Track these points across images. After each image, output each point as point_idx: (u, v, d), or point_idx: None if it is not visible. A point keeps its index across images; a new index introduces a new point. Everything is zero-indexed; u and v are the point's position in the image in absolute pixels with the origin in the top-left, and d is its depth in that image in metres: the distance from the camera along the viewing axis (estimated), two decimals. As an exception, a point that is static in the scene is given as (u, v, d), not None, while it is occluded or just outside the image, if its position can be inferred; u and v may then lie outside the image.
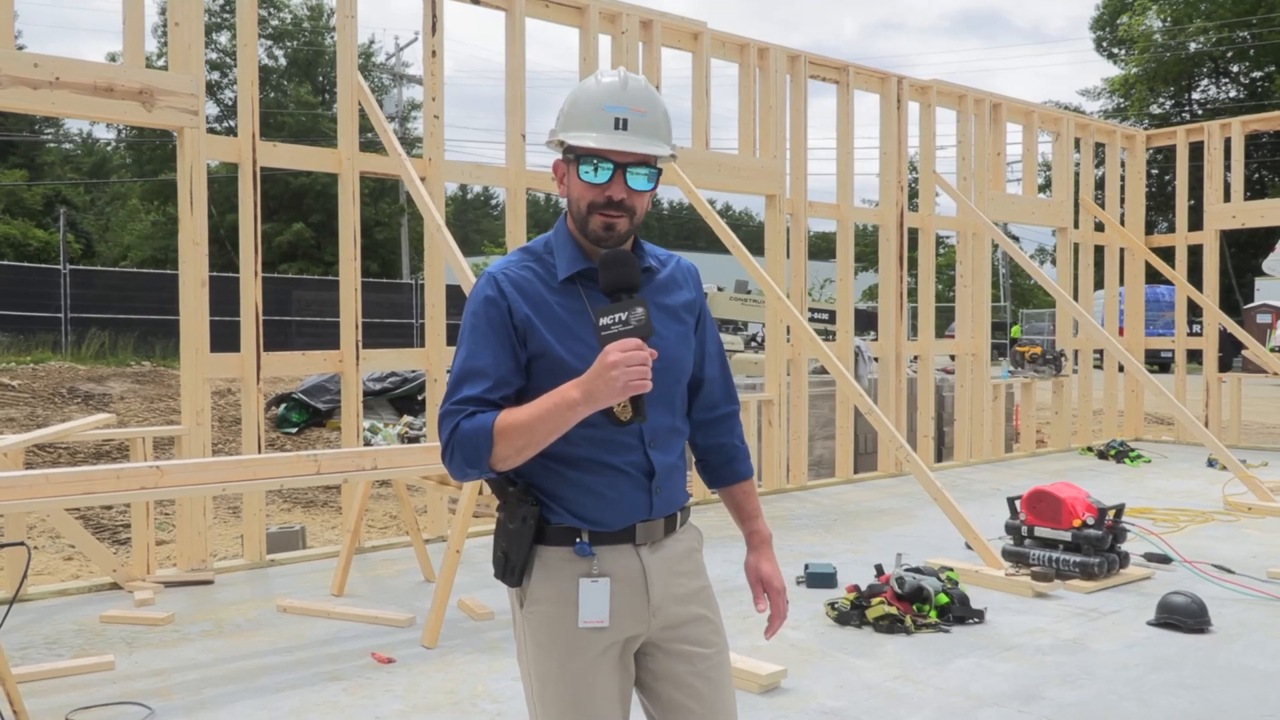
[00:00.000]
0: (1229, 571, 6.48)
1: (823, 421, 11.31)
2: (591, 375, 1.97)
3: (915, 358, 11.41)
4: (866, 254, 35.66)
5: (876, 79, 10.73)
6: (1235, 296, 34.54)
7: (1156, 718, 4.15)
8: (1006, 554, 6.51)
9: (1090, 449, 12.59)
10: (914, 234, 11.35)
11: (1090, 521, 6.26)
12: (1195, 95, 51.35)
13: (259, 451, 6.64)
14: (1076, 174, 13.25)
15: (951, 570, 5.92)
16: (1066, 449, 12.90)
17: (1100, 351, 13.71)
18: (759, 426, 9.60)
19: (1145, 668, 4.75)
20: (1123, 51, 51.76)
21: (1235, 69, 50.43)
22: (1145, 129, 14.05)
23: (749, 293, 20.73)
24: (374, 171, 7.32)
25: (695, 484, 9.00)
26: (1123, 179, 13.83)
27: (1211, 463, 11.36)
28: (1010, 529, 6.63)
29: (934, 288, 11.34)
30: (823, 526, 8.16)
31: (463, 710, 4.24)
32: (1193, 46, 48.93)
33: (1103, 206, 13.53)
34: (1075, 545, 6.27)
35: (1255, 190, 42.65)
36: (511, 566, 2.18)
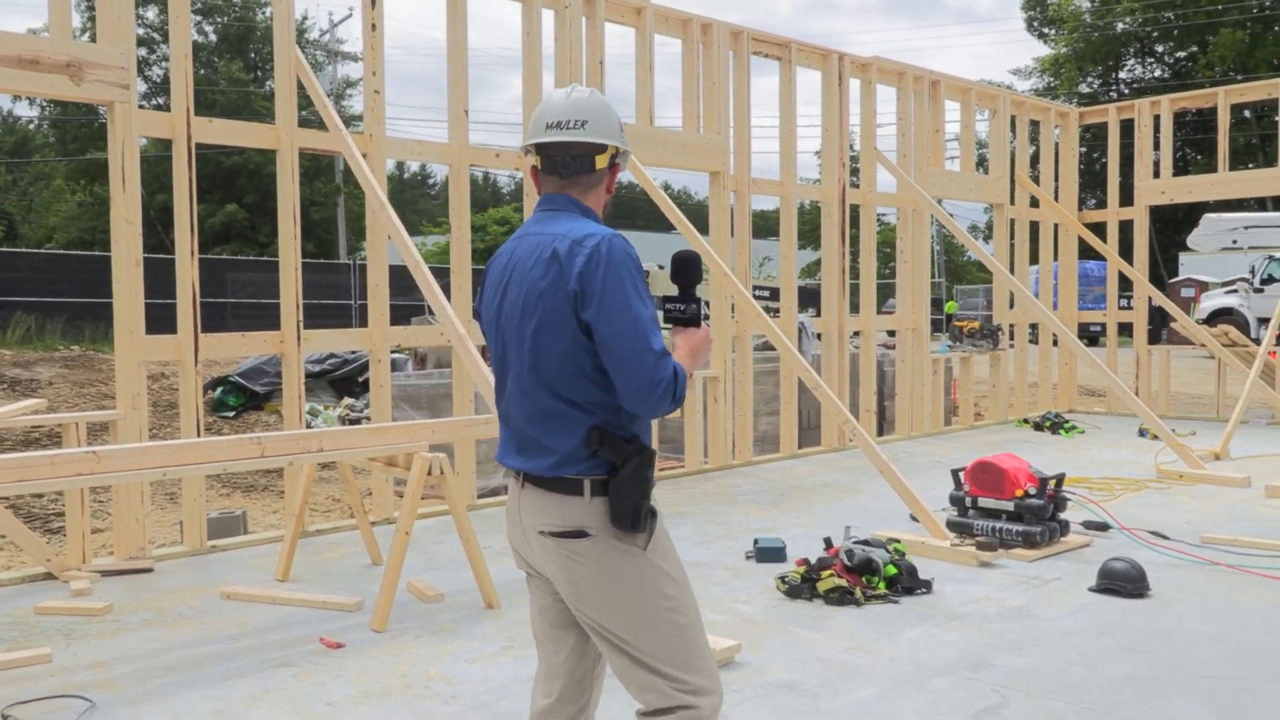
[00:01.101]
0: (1164, 537, 6.65)
1: (767, 397, 11.38)
2: (704, 343, 2.63)
3: (857, 333, 11.51)
4: (804, 232, 35.93)
5: (818, 56, 10.76)
6: (1160, 271, 35.46)
7: (1103, 681, 4.24)
8: (951, 525, 6.62)
9: (1026, 421, 12.85)
10: (855, 211, 11.43)
11: (1032, 491, 6.38)
12: (1122, 75, 52.45)
13: (198, 436, 6.48)
14: (1012, 151, 13.44)
15: (899, 542, 6.00)
16: (1003, 421, 13.15)
17: (1035, 326, 13.97)
18: (704, 403, 9.62)
19: (1090, 633, 4.85)
20: (1053, 31, 52.63)
21: (1160, 49, 51.58)
22: (1077, 107, 14.28)
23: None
24: (314, 148, 7.15)
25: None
26: (1056, 156, 14.07)
27: (1142, 433, 11.66)
28: (954, 500, 6.73)
29: (875, 263, 11.45)
30: (770, 502, 8.21)
31: (416, 694, 4.19)
32: (1120, 26, 49.94)
33: (1037, 183, 13.76)
34: (1018, 515, 6.38)
35: (1179, 168, 43.70)
36: (645, 513, 2.43)
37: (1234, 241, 29.01)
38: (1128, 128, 13.79)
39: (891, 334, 13.24)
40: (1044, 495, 6.37)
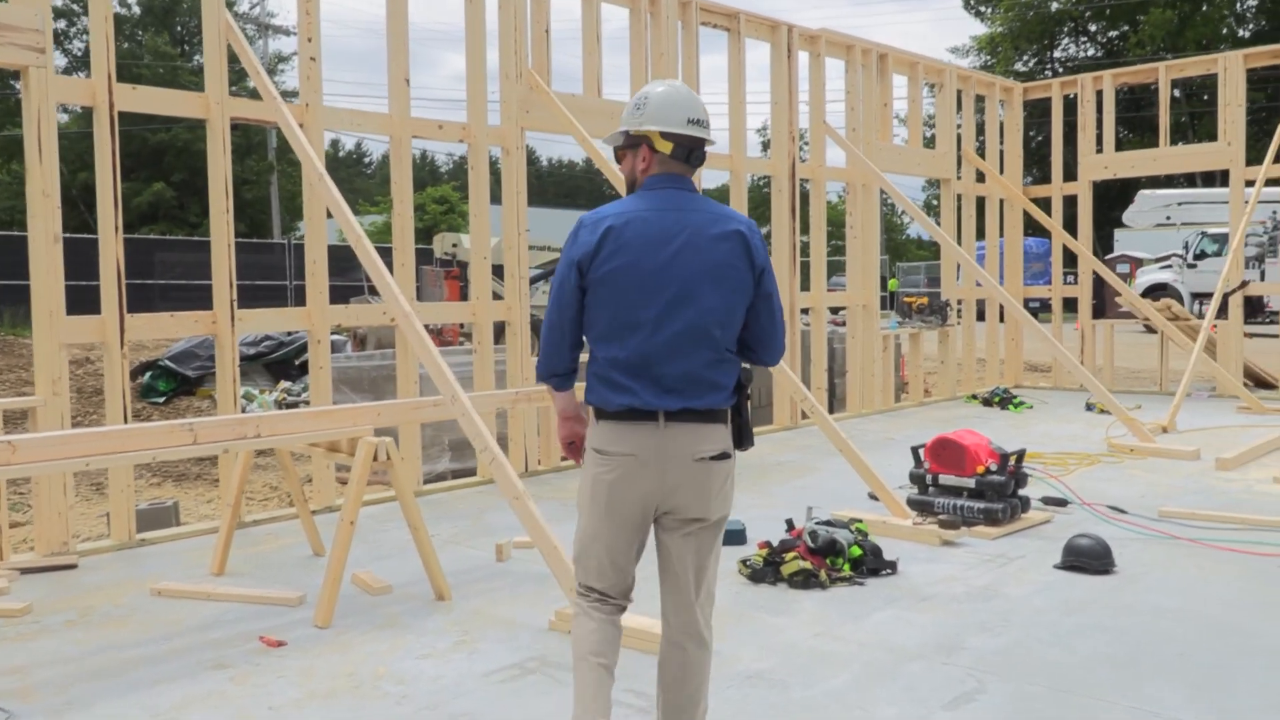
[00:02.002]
0: (1122, 512, 6.61)
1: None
2: None
3: (807, 309, 11.39)
4: (752, 210, 35.85)
5: (767, 27, 10.56)
6: (1097, 247, 36.03)
7: (1077, 662, 4.13)
8: (912, 503, 6.50)
9: (975, 397, 12.86)
10: (804, 188, 11.28)
11: (993, 468, 6.28)
12: (1057, 53, 53.13)
13: (125, 422, 6.11)
14: (958, 126, 13.39)
15: (861, 522, 5.86)
16: (952, 397, 13.15)
17: (982, 301, 14.00)
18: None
19: (1059, 611, 4.75)
20: (989, 10, 53.11)
21: (1093, 28, 52.33)
22: (1020, 83, 14.28)
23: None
24: (247, 118, 6.78)
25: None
26: (1001, 131, 14.05)
27: (1090, 407, 11.72)
28: (915, 478, 6.62)
29: (825, 239, 11.32)
30: (724, 482, 8.05)
31: (364, 695, 3.94)
32: (1054, 5, 50.54)
33: (983, 158, 13.74)
34: (979, 492, 6.29)
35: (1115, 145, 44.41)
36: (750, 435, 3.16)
37: (1168, 218, 29.60)
38: (1070, 105, 13.82)
39: (835, 310, 13.10)
40: (1005, 472, 6.27)
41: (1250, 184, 12.08)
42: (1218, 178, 38.77)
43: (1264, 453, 8.71)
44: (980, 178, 13.69)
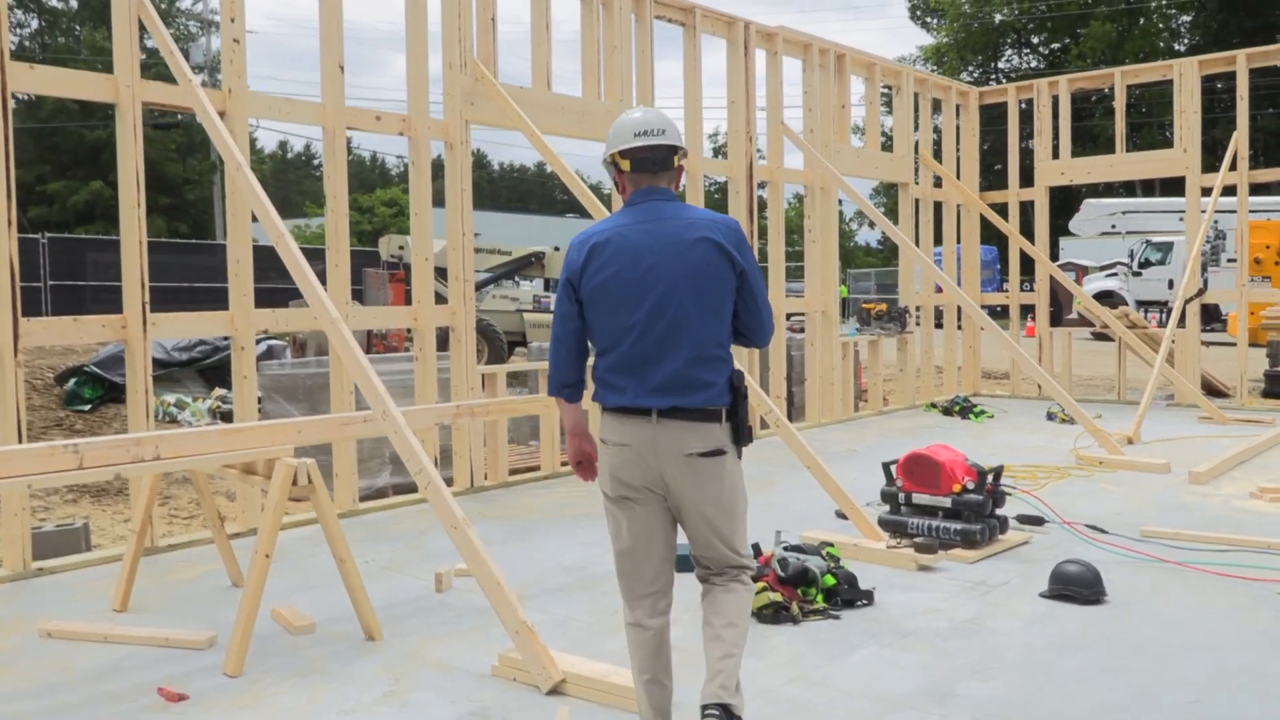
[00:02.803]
0: (1102, 531, 6.26)
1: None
2: None
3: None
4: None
5: (724, 23, 10.14)
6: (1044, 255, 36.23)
7: (1084, 713, 3.72)
8: (884, 523, 6.09)
9: (934, 405, 12.56)
10: (760, 196, 10.88)
11: (971, 486, 5.89)
12: (1000, 65, 53.67)
13: (19, 438, 5.48)
14: (915, 130, 13.09)
15: (832, 545, 5.43)
16: (911, 406, 12.84)
17: (940, 308, 13.71)
18: (608, 392, 8.93)
19: (1054, 649, 4.35)
20: (935, 21, 53.49)
21: (1036, 40, 52.93)
22: (976, 87, 14.05)
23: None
24: (160, 102, 6.17)
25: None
26: (958, 135, 13.81)
27: (1051, 416, 11.46)
28: (886, 496, 6.20)
29: (784, 242, 10.93)
30: (681, 498, 7.59)
31: (278, 759, 3.40)
32: (998, 17, 51.04)
33: (940, 163, 13.47)
34: (955, 512, 5.89)
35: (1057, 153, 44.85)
36: (749, 433, 3.31)
37: (1113, 226, 29.79)
38: (1026, 115, 13.61)
39: (789, 316, 12.70)
40: (983, 490, 5.88)
41: (1207, 191, 11.93)
42: (1156, 187, 39.36)
43: (1234, 464, 8.46)
44: (937, 182, 13.42)
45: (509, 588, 4.15)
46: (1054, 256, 37.11)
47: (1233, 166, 11.64)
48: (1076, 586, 4.96)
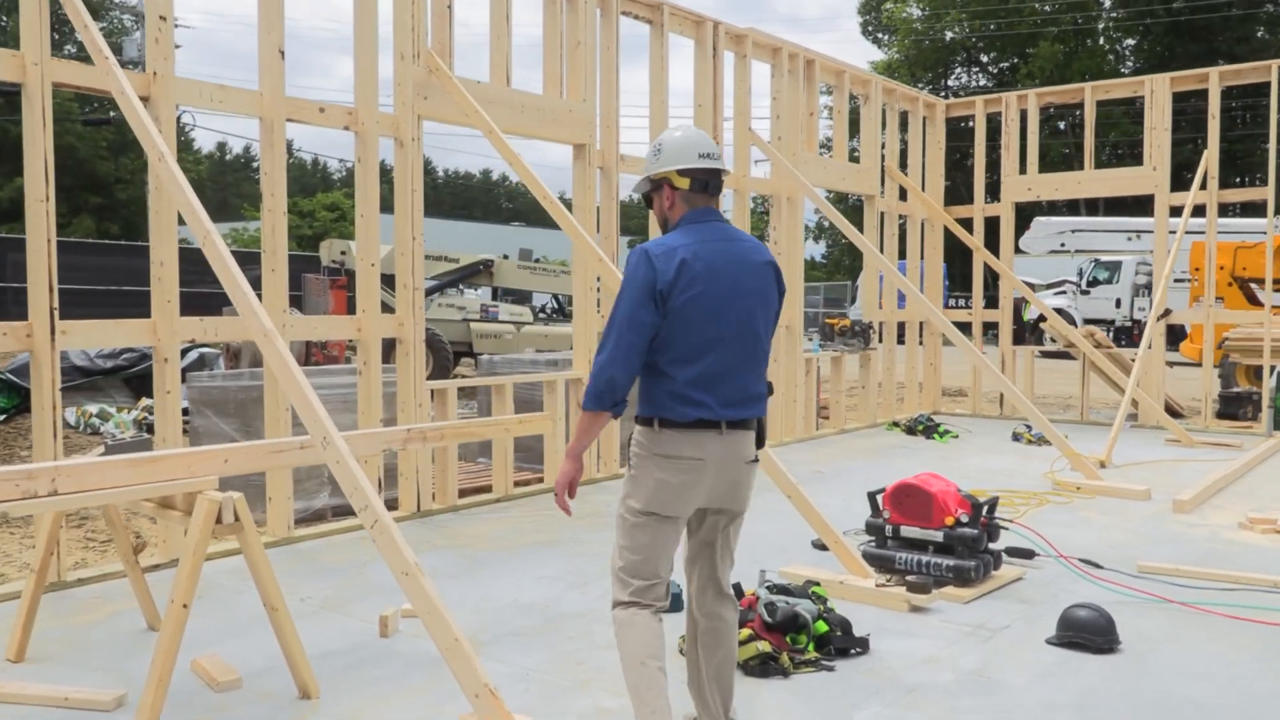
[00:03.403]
0: (1097, 566, 5.88)
1: (632, 400, 10.25)
2: None
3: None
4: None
5: (692, 23, 9.69)
6: (987, 273, 36.42)
7: (1125, 789, 3.28)
8: (869, 557, 5.64)
9: (897, 424, 12.20)
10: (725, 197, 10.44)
11: (964, 519, 5.46)
12: (950, 82, 54.12)
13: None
14: (883, 144, 12.77)
15: (818, 585, 4.97)
16: (873, 424, 12.47)
17: (903, 324, 13.39)
18: (566, 408, 8.39)
19: (1073, 708, 3.91)
20: (887, 37, 53.79)
21: (985, 59, 53.49)
22: (944, 99, 13.78)
23: (536, 261, 19.48)
24: (74, 84, 5.53)
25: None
26: (924, 149, 13.52)
27: (1017, 437, 11.16)
28: (872, 528, 5.76)
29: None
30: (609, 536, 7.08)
31: None
32: (949, 35, 51.49)
33: (905, 175, 13.16)
34: (948, 546, 5.46)
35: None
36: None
37: (1062, 244, 29.85)
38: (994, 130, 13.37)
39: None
40: (977, 523, 5.46)
41: (1176, 211, 11.76)
42: (1101, 206, 39.78)
43: (1215, 491, 8.17)
44: (903, 195, 13.10)
45: (465, 638, 3.60)
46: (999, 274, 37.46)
47: (1203, 185, 11.45)
48: (1089, 634, 4.54)
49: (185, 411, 7.59)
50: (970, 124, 13.39)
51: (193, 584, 3.63)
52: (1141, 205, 40.63)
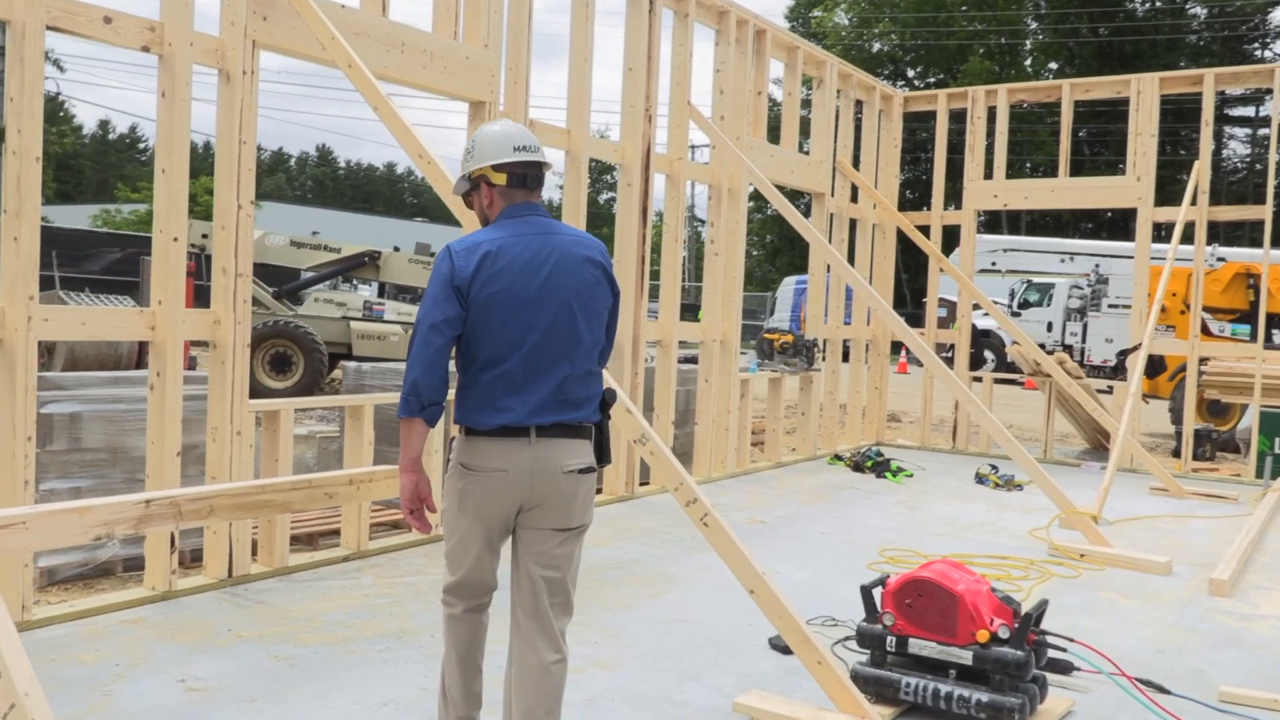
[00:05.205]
0: (1163, 691, 4.27)
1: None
2: None
3: (656, 342, 8.80)
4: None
5: (624, -33, 7.94)
6: (905, 290, 35.55)
7: None
8: (864, 680, 3.93)
9: (840, 458, 10.61)
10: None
11: (1004, 634, 3.79)
12: (875, 97, 53.49)
13: None
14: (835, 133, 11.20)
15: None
16: (813, 456, 10.86)
17: (847, 341, 11.84)
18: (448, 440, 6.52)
19: None
20: (815, 44, 53.04)
21: (911, 73, 53.05)
22: (901, 90, 12.27)
23: (431, 255, 17.49)
24: None
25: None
26: (878, 145, 12.00)
27: (981, 479, 9.66)
28: (868, 638, 4.04)
29: (682, 253, 8.79)
30: (544, 602, 5.27)
31: None
32: (876, 47, 50.88)
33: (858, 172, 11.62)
34: (979, 673, 3.78)
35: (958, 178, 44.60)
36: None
37: (993, 264, 28.91)
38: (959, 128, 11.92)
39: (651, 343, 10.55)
40: (1023, 640, 3.79)
41: (1164, 226, 10.43)
42: (1023, 224, 39.22)
43: (1244, 562, 6.70)
44: (854, 196, 11.56)
45: None
46: (925, 291, 36.66)
47: (1193, 201, 10.13)
48: None
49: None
50: (928, 126, 11.90)
51: None
52: (1061, 227, 40.17)
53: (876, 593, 4.08)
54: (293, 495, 3.40)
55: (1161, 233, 11.55)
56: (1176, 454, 12.26)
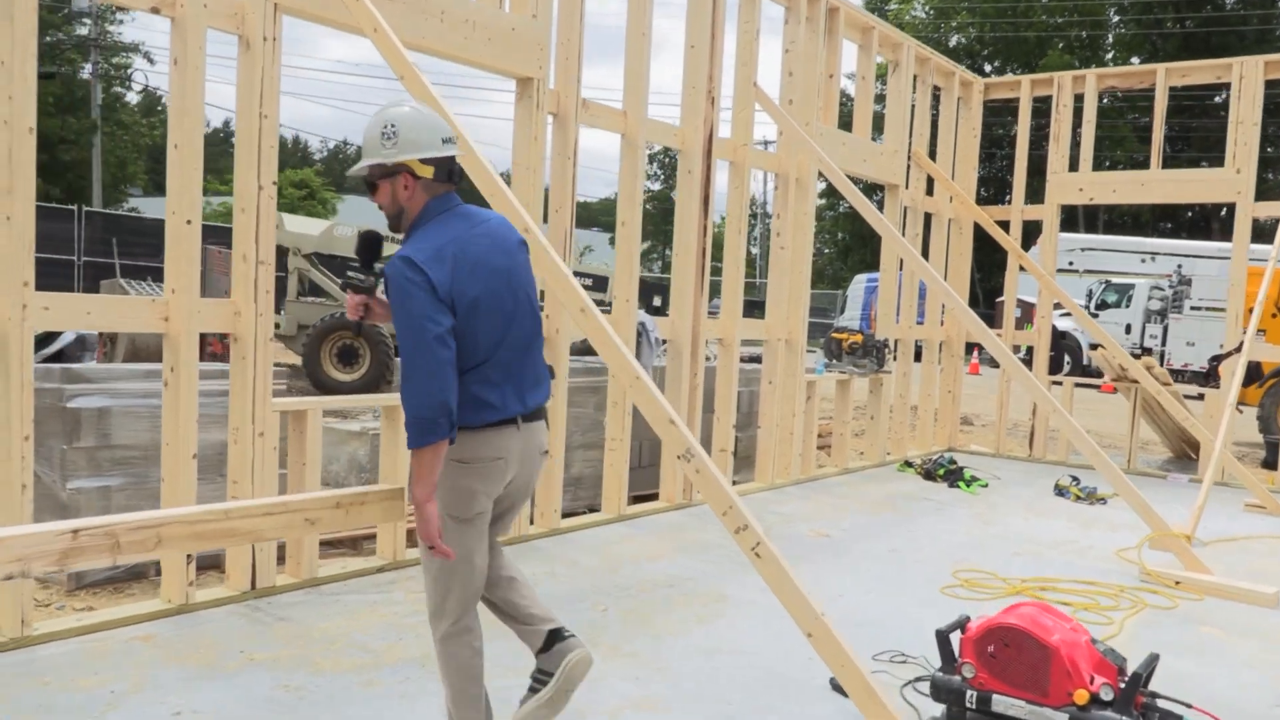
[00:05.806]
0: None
1: (586, 424, 8.01)
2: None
3: (717, 340, 8.30)
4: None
5: (687, -62, 7.43)
6: (977, 290, 34.44)
7: None
8: (937, 743, 3.41)
9: (910, 464, 10.00)
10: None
11: (1107, 696, 3.24)
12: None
13: None
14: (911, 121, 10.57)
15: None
16: (882, 462, 10.27)
17: (920, 342, 11.20)
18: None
19: None
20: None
21: (989, 68, 51.59)
22: (981, 77, 11.57)
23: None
24: None
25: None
26: (956, 135, 11.33)
27: (1061, 491, 9.00)
28: (944, 691, 3.51)
29: (745, 245, 8.27)
30: (587, 620, 4.83)
31: None
32: (953, 40, 49.53)
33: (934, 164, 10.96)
34: (1076, 740, 3.24)
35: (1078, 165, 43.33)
36: None
37: (1070, 263, 27.81)
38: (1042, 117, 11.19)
39: (715, 341, 10.03)
40: (1130, 705, 3.24)
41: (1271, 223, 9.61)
42: (1073, 219, 37.81)
43: (1363, 598, 6.00)
44: (930, 189, 10.91)
45: None
46: (998, 290, 35.47)
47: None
48: None
49: None
50: (1009, 116, 11.18)
51: None
52: (1140, 226, 38.65)
53: (955, 637, 3.55)
54: (264, 522, 2.94)
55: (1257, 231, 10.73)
56: (1266, 465, 11.52)
